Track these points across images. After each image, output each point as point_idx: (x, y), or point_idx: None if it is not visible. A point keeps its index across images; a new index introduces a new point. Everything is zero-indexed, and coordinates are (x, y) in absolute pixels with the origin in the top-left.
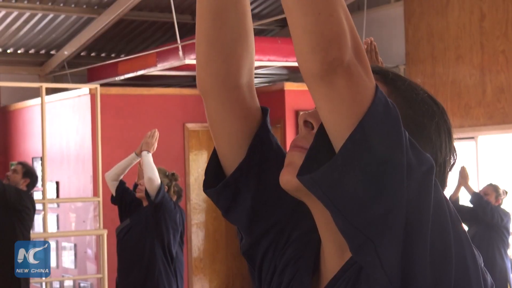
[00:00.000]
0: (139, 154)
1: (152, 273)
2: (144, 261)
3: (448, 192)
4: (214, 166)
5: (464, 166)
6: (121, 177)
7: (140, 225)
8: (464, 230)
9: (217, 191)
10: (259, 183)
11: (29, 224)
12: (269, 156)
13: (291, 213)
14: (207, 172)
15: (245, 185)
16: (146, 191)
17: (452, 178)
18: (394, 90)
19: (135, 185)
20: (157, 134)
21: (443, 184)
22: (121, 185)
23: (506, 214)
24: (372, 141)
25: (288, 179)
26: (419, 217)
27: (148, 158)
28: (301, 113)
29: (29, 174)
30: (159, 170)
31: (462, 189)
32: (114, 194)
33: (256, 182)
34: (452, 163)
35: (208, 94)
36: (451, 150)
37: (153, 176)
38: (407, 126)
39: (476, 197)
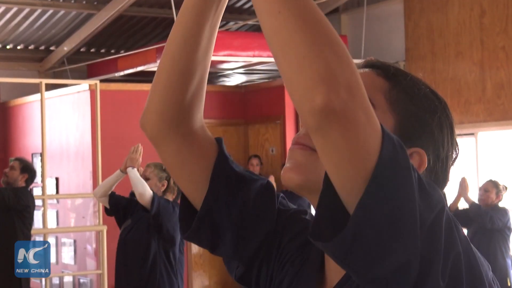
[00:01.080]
0: (124, 171)
1: (154, 276)
2: (146, 264)
3: (447, 200)
4: (187, 210)
5: (464, 177)
6: (109, 192)
7: (142, 225)
8: (474, 254)
9: (194, 229)
10: (232, 207)
11: (30, 222)
12: (233, 179)
13: (275, 226)
14: (181, 218)
15: (219, 214)
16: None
17: (452, 189)
18: (395, 85)
19: (132, 193)
20: (141, 148)
21: (445, 178)
22: (112, 197)
23: (505, 214)
24: (383, 202)
25: (290, 176)
26: (431, 257)
27: (134, 174)
28: None
29: (27, 170)
30: (156, 166)
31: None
32: (108, 207)
33: (229, 207)
34: (454, 157)
35: (161, 141)
36: (453, 145)
37: (143, 190)
38: (409, 122)
39: (475, 208)
